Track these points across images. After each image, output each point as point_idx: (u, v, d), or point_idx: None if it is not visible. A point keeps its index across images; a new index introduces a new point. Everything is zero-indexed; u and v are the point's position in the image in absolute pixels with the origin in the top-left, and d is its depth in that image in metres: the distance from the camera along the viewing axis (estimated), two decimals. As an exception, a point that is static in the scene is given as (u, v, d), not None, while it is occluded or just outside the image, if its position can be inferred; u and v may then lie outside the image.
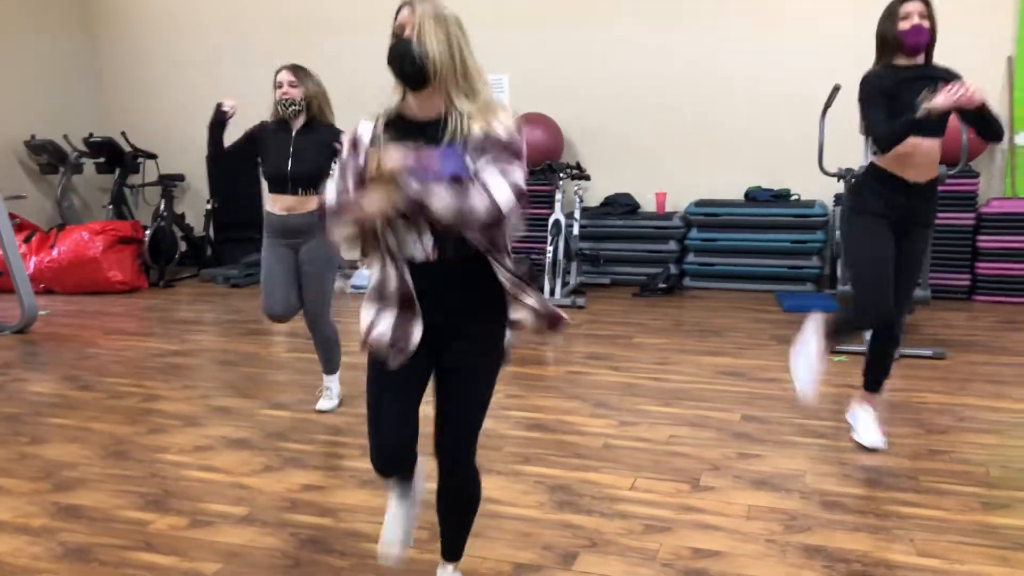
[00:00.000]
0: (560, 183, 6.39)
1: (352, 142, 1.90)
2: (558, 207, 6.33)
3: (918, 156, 3.05)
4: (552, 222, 6.26)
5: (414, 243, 1.85)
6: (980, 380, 4.22)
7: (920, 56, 3.09)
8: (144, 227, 7.61)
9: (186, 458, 3.39)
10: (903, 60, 3.10)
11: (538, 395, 4.11)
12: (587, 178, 6.74)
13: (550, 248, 6.17)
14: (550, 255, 6.14)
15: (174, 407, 4.06)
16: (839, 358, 4.65)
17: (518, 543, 2.60)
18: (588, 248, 6.86)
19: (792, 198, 6.61)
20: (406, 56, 1.78)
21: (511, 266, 1.90)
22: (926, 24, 3.02)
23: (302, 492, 3.03)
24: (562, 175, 6.42)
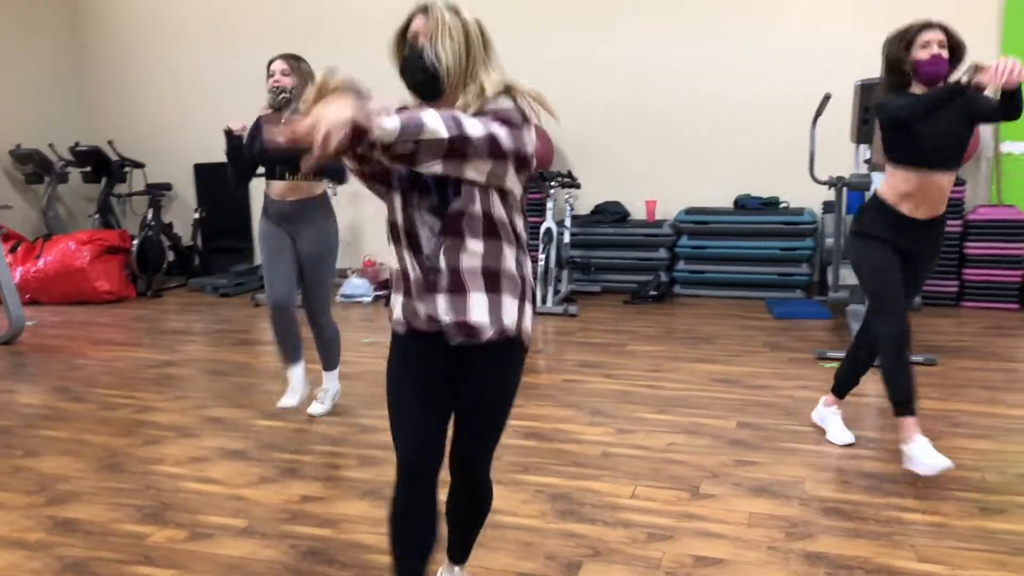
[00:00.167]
0: (551, 191, 6.41)
1: None
2: (549, 215, 6.35)
3: (930, 190, 2.98)
4: (543, 230, 6.28)
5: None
6: (972, 386, 4.26)
7: (938, 87, 2.96)
8: (131, 237, 7.56)
9: (182, 470, 3.36)
10: (919, 89, 2.99)
11: (534, 404, 4.10)
12: (577, 186, 6.76)
13: (541, 256, 6.19)
14: (541, 263, 6.15)
15: (167, 418, 4.02)
16: (832, 365, 4.68)
17: (521, 553, 2.59)
18: (579, 256, 6.88)
19: (781, 206, 6.66)
20: (418, 66, 1.73)
21: (521, 263, 1.84)
22: (946, 54, 2.91)
23: (301, 503, 3.01)
24: (553, 184, 6.44)
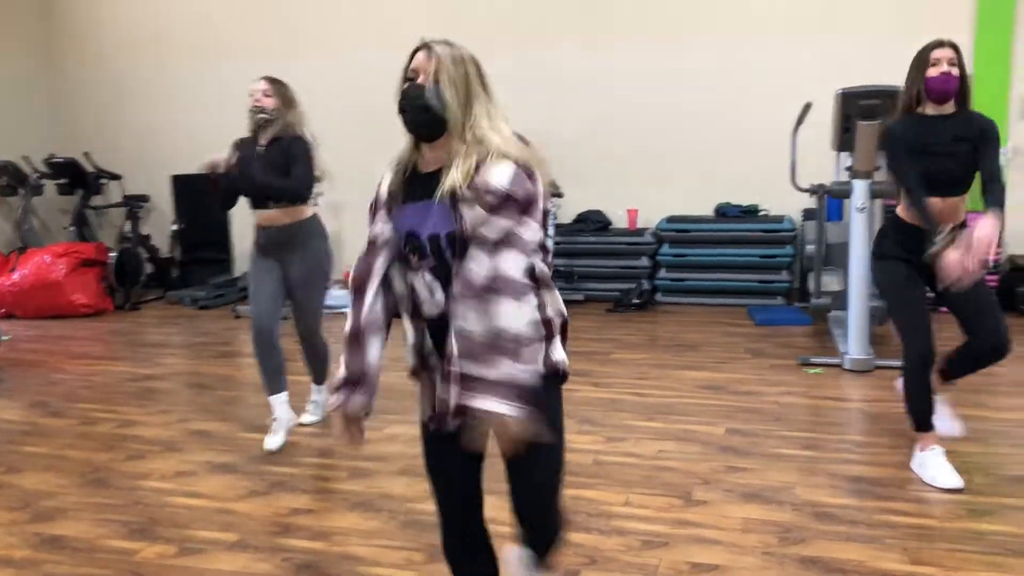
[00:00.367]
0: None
1: (375, 202, 1.78)
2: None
3: (941, 210, 2.99)
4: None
5: (429, 298, 1.71)
6: (955, 389, 4.28)
7: (949, 104, 3.01)
8: (108, 249, 7.47)
9: (169, 484, 3.31)
10: (931, 109, 3.03)
11: (522, 413, 4.09)
12: (559, 195, 6.78)
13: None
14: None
15: (151, 432, 3.97)
16: (815, 370, 4.72)
17: (517, 562, 2.58)
18: (562, 265, 6.89)
19: (761, 213, 6.71)
20: (418, 104, 1.64)
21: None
22: (955, 72, 2.95)
23: (292, 516, 2.98)
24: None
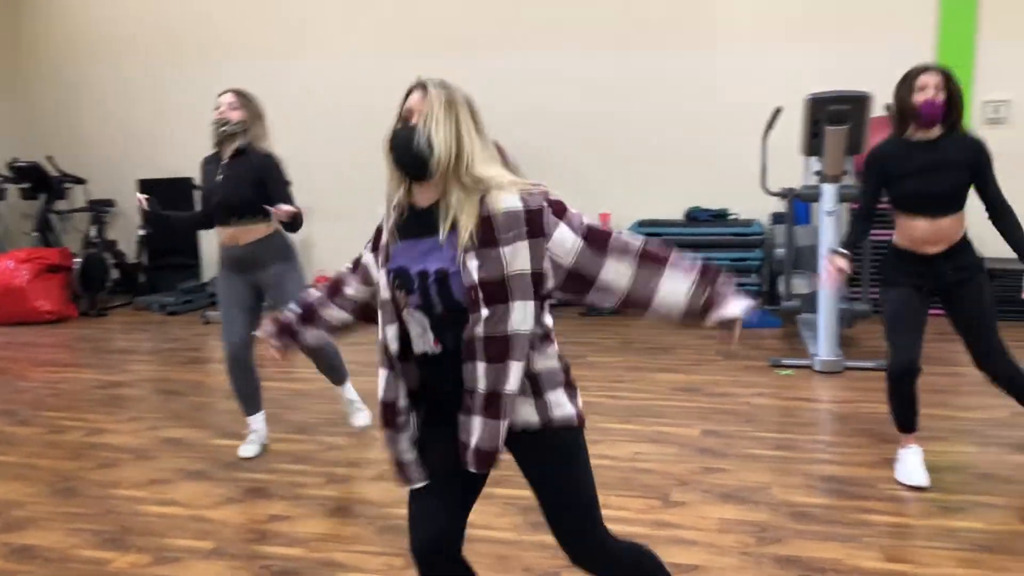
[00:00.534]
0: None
1: (375, 238, 1.80)
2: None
3: (929, 235, 3.01)
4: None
5: (420, 335, 1.69)
6: (922, 390, 4.35)
7: (935, 129, 3.00)
8: (73, 254, 7.34)
9: (141, 492, 3.26)
10: (917, 133, 3.02)
11: (498, 416, 4.09)
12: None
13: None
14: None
15: (121, 440, 3.91)
16: (786, 372, 4.78)
17: (498, 567, 2.58)
18: (533, 269, 6.90)
19: (731, 217, 6.78)
20: (409, 146, 1.63)
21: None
22: (941, 98, 2.94)
23: (269, 523, 2.95)
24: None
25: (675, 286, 1.67)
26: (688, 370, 4.87)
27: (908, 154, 3.01)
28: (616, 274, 1.65)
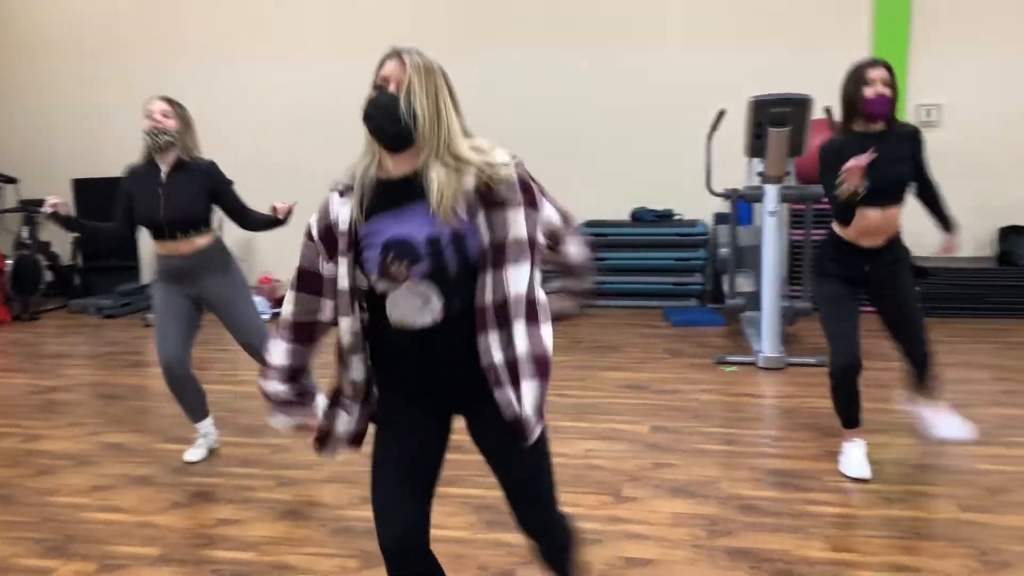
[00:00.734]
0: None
1: (325, 226, 1.67)
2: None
3: (871, 225, 3.09)
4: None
5: (420, 308, 1.62)
6: (863, 385, 4.49)
7: (880, 123, 3.07)
8: (4, 256, 7.10)
9: (83, 499, 3.17)
10: (860, 126, 3.09)
11: (448, 416, 4.08)
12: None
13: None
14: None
15: (60, 446, 3.79)
16: (731, 369, 4.86)
17: (453, 565, 2.57)
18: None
19: (675, 218, 6.88)
20: (388, 114, 1.59)
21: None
22: (888, 93, 3.02)
23: (217, 527, 2.89)
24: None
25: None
26: (635, 368, 4.93)
27: (861, 146, 3.04)
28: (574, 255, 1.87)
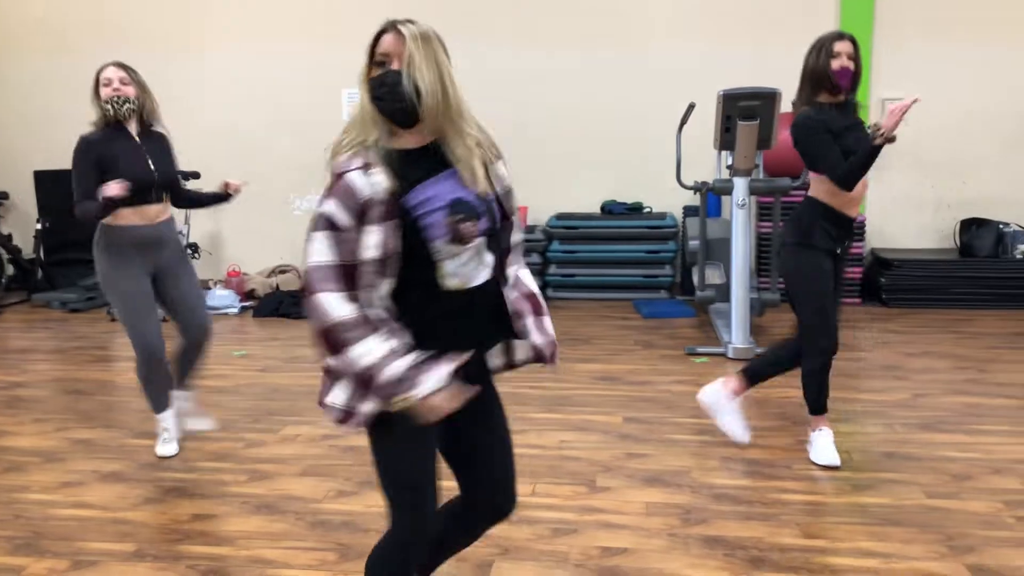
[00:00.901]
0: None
1: (359, 207, 1.56)
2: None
3: (858, 193, 3.10)
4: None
5: (476, 267, 1.70)
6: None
7: (841, 95, 3.11)
8: (-36, 250, 6.95)
9: (53, 496, 3.12)
10: (825, 98, 3.11)
11: (422, 409, 4.08)
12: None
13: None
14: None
15: (27, 443, 3.73)
16: (701, 359, 4.92)
17: (431, 556, 2.58)
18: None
19: (645, 211, 6.93)
20: (396, 93, 1.58)
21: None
22: (852, 66, 3.07)
23: (192, 522, 2.87)
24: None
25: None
26: (607, 360, 4.96)
27: (834, 116, 3.09)
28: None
